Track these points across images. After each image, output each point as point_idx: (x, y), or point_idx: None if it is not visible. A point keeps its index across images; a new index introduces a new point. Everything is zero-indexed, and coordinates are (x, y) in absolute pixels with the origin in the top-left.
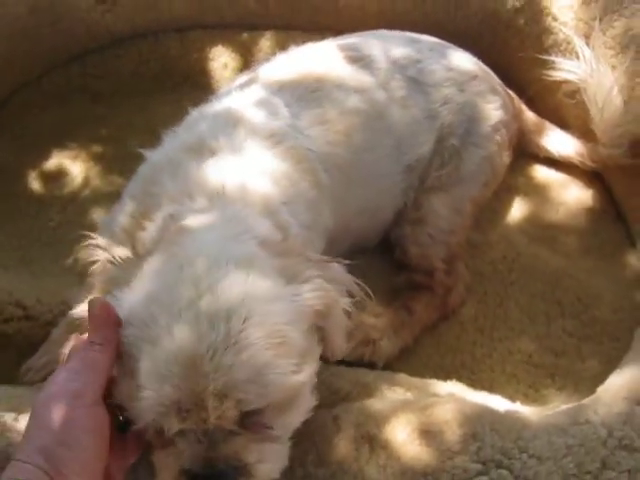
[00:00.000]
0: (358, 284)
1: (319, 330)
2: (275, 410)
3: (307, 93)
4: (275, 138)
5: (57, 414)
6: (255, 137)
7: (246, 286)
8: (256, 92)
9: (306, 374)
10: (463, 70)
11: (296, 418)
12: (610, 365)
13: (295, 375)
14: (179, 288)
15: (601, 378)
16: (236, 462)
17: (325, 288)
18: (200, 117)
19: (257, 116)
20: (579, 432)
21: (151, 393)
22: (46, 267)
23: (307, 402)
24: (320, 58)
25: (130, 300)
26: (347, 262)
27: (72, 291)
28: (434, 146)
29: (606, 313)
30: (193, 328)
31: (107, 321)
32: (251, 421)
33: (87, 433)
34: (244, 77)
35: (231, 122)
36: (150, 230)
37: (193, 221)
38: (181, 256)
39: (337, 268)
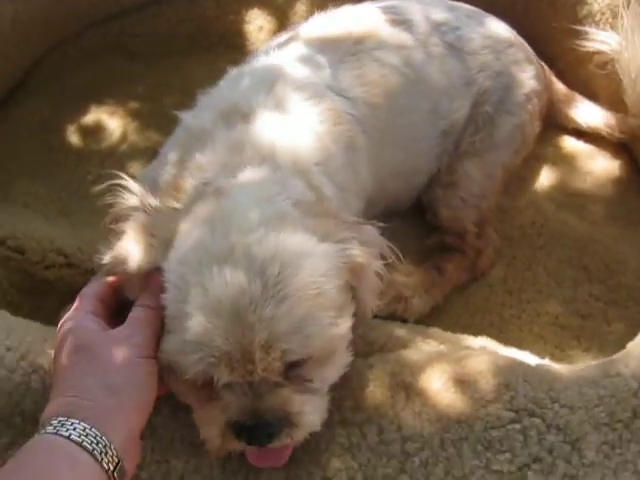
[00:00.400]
0: (390, 247)
1: (352, 290)
2: (315, 363)
3: (348, 53)
4: (315, 98)
5: (123, 356)
6: (294, 95)
7: (277, 241)
8: (297, 50)
9: (343, 327)
10: (500, 38)
11: (334, 372)
12: (636, 328)
13: (333, 327)
14: (212, 246)
15: (626, 340)
16: (281, 413)
17: (358, 249)
18: (238, 75)
19: (297, 74)
20: (610, 384)
21: (202, 345)
22: (85, 219)
23: (344, 357)
24: (361, 19)
25: (170, 258)
26: (381, 224)
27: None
28: (469, 112)
29: (632, 279)
30: (232, 282)
31: (158, 288)
32: (294, 373)
33: (151, 381)
34: (282, 37)
35: (270, 80)
36: (183, 197)
37: (228, 184)
38: (215, 216)
39: (370, 230)
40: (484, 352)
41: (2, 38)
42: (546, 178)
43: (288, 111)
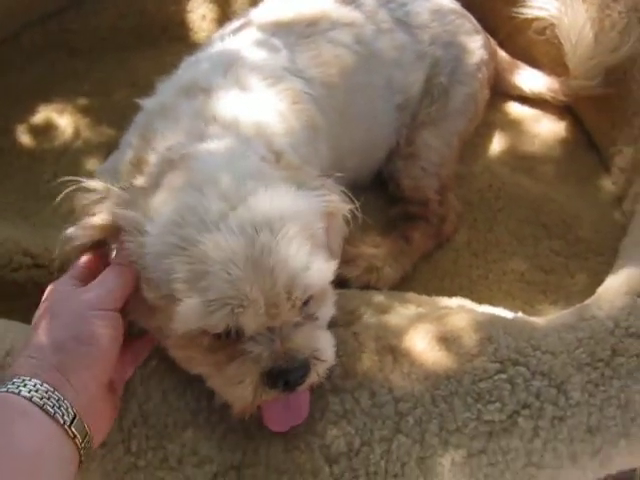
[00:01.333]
0: (348, 195)
1: None
2: (317, 301)
3: (302, 35)
4: (272, 78)
5: (75, 311)
6: (252, 76)
7: (270, 192)
8: (252, 35)
9: (332, 265)
10: (447, 10)
11: (330, 308)
12: (597, 278)
13: (328, 264)
14: (207, 206)
15: (590, 290)
16: (309, 350)
17: (330, 194)
18: (194, 61)
19: (254, 57)
20: (587, 326)
21: (229, 299)
22: (47, 219)
23: (332, 294)
24: (311, 1)
25: (154, 228)
26: (338, 174)
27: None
28: (423, 85)
29: (588, 232)
30: (239, 235)
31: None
32: (306, 312)
33: (103, 334)
34: (235, 23)
35: (227, 63)
36: (148, 169)
37: (195, 149)
38: (195, 179)
39: (330, 181)
40: (462, 310)
41: None
42: (497, 144)
43: (248, 89)
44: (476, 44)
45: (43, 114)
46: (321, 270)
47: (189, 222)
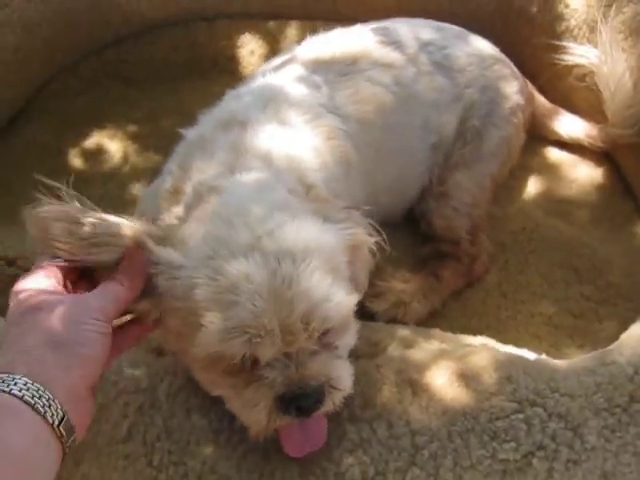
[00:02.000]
0: (376, 227)
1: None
2: (338, 331)
3: (341, 73)
4: (310, 114)
5: (75, 315)
6: (290, 111)
7: (294, 224)
8: (292, 71)
9: (354, 297)
10: (485, 55)
11: (351, 339)
12: (625, 324)
13: (350, 296)
14: (234, 238)
15: (618, 336)
16: (323, 377)
17: (356, 228)
18: (236, 95)
19: (294, 92)
20: (606, 371)
21: (249, 327)
22: None
23: (355, 325)
24: (353, 40)
25: (185, 257)
26: (365, 207)
27: None
28: (458, 126)
29: (619, 278)
30: (263, 266)
31: (139, 268)
32: (324, 341)
33: (98, 340)
34: (278, 59)
35: (267, 97)
36: (184, 199)
37: (224, 181)
38: (223, 211)
39: (358, 214)
40: (485, 349)
41: (4, 67)
42: (533, 187)
43: (284, 124)
44: (512, 89)
45: (95, 139)
46: (341, 303)
47: (219, 254)
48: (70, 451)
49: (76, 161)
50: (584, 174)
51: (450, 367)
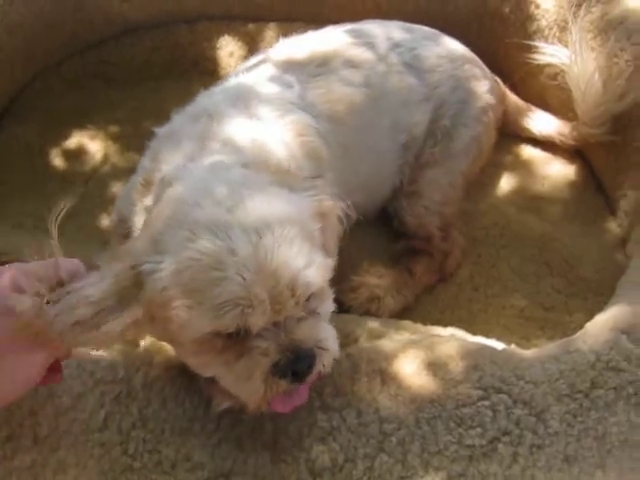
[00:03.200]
0: (337, 195)
1: None
2: (317, 297)
3: (313, 72)
4: (281, 111)
5: None
6: (261, 106)
7: (265, 197)
8: (265, 71)
9: (330, 262)
10: (455, 56)
11: (330, 305)
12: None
13: (327, 260)
14: (209, 215)
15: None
16: (313, 341)
17: (321, 194)
18: (208, 93)
19: (266, 90)
20: (570, 359)
21: (240, 299)
22: (72, 236)
23: (331, 292)
24: (324, 41)
25: (171, 243)
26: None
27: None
28: (428, 125)
29: (590, 272)
30: (245, 240)
31: None
32: (308, 308)
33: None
34: (251, 61)
35: (238, 94)
36: (154, 189)
37: (183, 169)
38: (188, 194)
39: (321, 182)
40: (453, 338)
41: None
42: (506, 183)
43: (254, 117)
44: (483, 88)
45: (76, 139)
46: (320, 268)
47: (198, 235)
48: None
49: (58, 160)
50: (556, 171)
51: (418, 356)
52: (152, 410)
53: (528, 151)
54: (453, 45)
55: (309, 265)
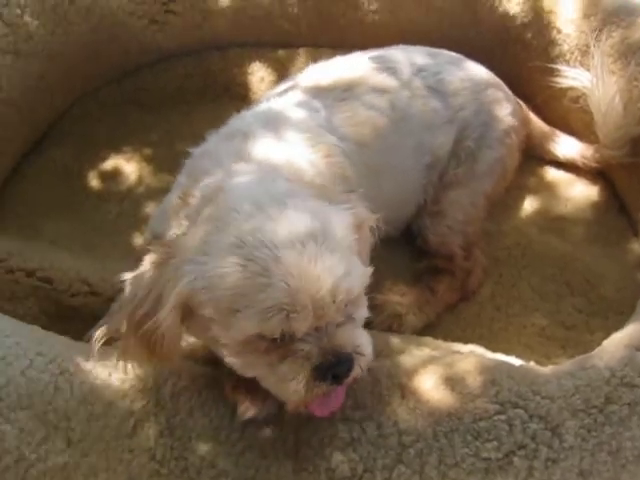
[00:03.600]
0: (369, 208)
1: None
2: (354, 304)
3: (339, 97)
4: (309, 133)
5: None
6: (290, 129)
7: (308, 208)
8: (293, 96)
9: (367, 271)
10: (478, 80)
11: (365, 311)
12: None
13: (364, 269)
14: (255, 223)
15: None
16: (352, 346)
17: (357, 207)
18: (240, 116)
19: (295, 115)
20: (585, 375)
21: (285, 305)
22: (106, 252)
23: (365, 299)
24: (350, 67)
25: (217, 248)
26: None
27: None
28: (452, 147)
29: (611, 292)
30: (290, 248)
31: None
32: (346, 313)
33: None
34: (282, 86)
35: (269, 118)
36: (192, 200)
37: (227, 183)
38: (236, 204)
39: (355, 196)
40: (472, 355)
41: (30, 93)
42: (529, 205)
43: (285, 140)
44: (505, 112)
45: (112, 161)
46: (359, 275)
47: (248, 242)
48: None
49: (94, 181)
50: (579, 192)
51: (437, 372)
52: (179, 419)
53: (551, 173)
54: (476, 69)
55: (349, 273)
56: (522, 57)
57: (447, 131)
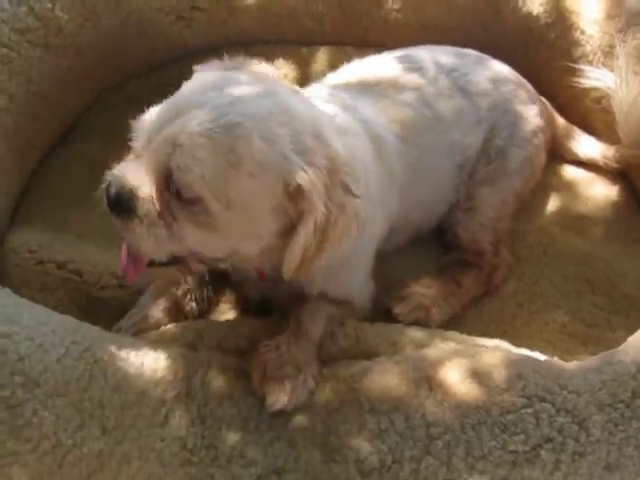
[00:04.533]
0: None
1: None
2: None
3: (378, 94)
4: (364, 124)
5: None
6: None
7: None
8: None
9: None
10: (505, 81)
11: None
12: None
13: None
14: None
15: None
16: (136, 189)
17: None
18: None
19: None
20: (611, 370)
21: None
22: None
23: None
24: (382, 66)
25: None
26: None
27: None
28: (481, 146)
29: (632, 290)
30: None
31: None
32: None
33: None
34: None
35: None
36: None
37: None
38: None
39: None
40: (497, 349)
41: (58, 85)
42: (551, 204)
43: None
44: (532, 112)
45: None
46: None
47: None
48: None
49: None
50: (600, 192)
51: (463, 364)
52: (209, 409)
53: (572, 172)
54: (502, 69)
55: (203, 175)
56: (545, 57)
57: (476, 131)
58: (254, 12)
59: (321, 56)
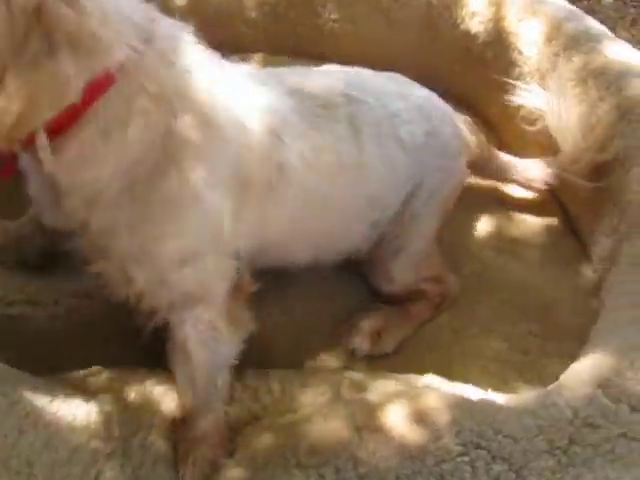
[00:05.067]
0: None
1: None
2: None
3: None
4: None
5: None
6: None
7: None
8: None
9: None
10: (441, 135)
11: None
12: (571, 361)
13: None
14: None
15: (564, 371)
16: None
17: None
18: None
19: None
20: (547, 414)
21: None
22: None
23: None
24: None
25: None
26: None
27: None
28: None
29: (566, 316)
30: None
31: None
32: None
33: None
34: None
35: None
36: None
37: None
38: None
39: None
40: (431, 390)
41: None
42: (484, 227)
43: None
44: (461, 166)
45: None
46: None
47: None
48: None
49: None
50: (533, 214)
51: (397, 411)
52: (144, 471)
53: (505, 194)
54: (444, 119)
55: None
56: (482, 76)
57: (403, 189)
58: (185, 15)
59: (254, 64)
